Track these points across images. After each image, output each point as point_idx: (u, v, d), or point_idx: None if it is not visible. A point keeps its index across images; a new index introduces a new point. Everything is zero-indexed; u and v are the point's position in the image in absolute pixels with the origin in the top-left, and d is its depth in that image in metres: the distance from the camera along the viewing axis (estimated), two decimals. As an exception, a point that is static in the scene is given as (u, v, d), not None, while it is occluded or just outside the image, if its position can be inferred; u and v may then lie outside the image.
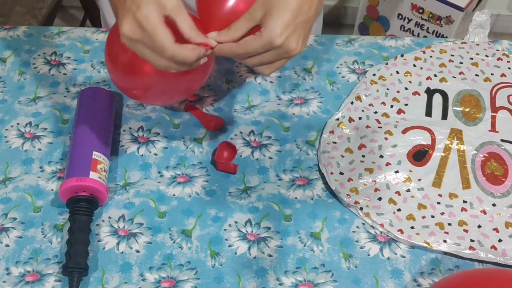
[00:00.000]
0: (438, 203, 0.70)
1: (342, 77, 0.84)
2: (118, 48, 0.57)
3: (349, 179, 0.71)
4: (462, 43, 0.88)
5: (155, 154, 0.74)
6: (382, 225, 0.68)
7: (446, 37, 1.66)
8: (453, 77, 0.83)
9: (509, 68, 0.84)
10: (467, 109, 0.79)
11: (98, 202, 0.67)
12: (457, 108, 0.79)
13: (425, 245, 0.66)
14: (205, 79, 0.61)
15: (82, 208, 0.65)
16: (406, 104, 0.79)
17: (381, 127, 0.76)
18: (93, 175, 0.66)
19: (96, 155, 0.67)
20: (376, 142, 0.74)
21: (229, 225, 0.68)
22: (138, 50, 0.54)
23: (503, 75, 0.84)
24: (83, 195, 0.65)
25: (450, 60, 0.85)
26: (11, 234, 0.66)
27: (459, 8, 1.56)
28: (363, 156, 0.73)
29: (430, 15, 1.64)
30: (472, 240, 0.67)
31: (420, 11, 1.65)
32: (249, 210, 0.69)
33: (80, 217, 0.64)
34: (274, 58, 0.57)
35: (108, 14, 0.95)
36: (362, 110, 0.78)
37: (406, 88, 0.81)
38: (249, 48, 0.56)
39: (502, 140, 0.75)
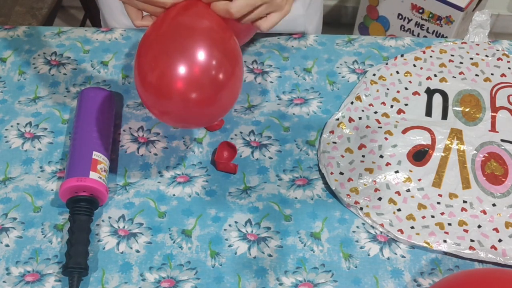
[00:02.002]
0: (438, 203, 0.70)
1: (342, 77, 0.84)
2: (147, 68, 0.56)
3: (349, 179, 0.71)
4: (462, 43, 0.88)
5: (155, 154, 0.74)
6: (382, 225, 0.68)
7: (446, 37, 1.66)
8: (453, 77, 0.83)
9: (509, 68, 0.84)
10: (467, 109, 0.79)
11: (98, 202, 0.67)
12: (457, 108, 0.79)
13: (425, 245, 0.66)
14: (229, 110, 0.62)
15: (82, 208, 0.65)
16: (406, 104, 0.79)
17: (381, 127, 0.76)
18: (93, 175, 0.66)
19: (96, 155, 0.67)
20: (376, 142, 0.74)
21: (229, 225, 0.68)
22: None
23: (503, 75, 0.84)
24: (83, 195, 0.65)
25: (450, 60, 0.85)
26: (11, 234, 0.66)
27: (459, 8, 1.56)
28: (363, 156, 0.73)
29: (430, 15, 1.64)
30: (472, 240, 0.67)
31: (420, 11, 1.65)
32: (249, 210, 0.69)
33: (80, 217, 0.64)
34: (267, 10, 0.61)
35: (108, 14, 0.95)
36: (362, 110, 0.78)
37: (406, 88, 0.81)
38: (252, 0, 0.58)
39: (502, 140, 0.75)
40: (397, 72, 0.83)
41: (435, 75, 0.83)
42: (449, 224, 0.68)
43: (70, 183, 0.64)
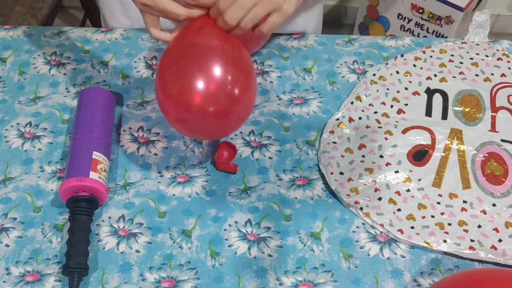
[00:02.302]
0: (438, 203, 0.70)
1: (342, 77, 0.84)
2: (169, 81, 0.61)
3: (349, 179, 0.71)
4: (462, 43, 0.88)
5: (155, 154, 0.74)
6: (382, 225, 0.68)
7: (446, 37, 1.66)
8: (453, 77, 0.83)
9: (509, 68, 0.84)
10: (467, 109, 0.79)
11: (98, 202, 0.67)
12: (457, 108, 0.79)
13: (425, 245, 0.66)
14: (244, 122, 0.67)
15: (82, 208, 0.65)
16: (406, 104, 0.79)
17: (381, 127, 0.76)
18: (93, 175, 0.66)
19: (96, 155, 0.67)
20: (376, 142, 0.74)
21: (229, 225, 0.68)
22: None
23: (503, 75, 0.84)
24: (83, 195, 0.65)
25: (450, 60, 0.85)
26: (11, 234, 0.66)
27: (459, 8, 1.56)
28: (363, 156, 0.73)
29: (430, 15, 1.64)
30: (472, 240, 0.67)
31: (420, 11, 1.65)
32: (249, 210, 0.69)
33: (80, 217, 0.64)
34: (263, 10, 0.61)
35: (108, 14, 0.95)
36: (362, 110, 0.78)
37: (406, 88, 0.81)
38: (241, 3, 0.60)
39: (502, 140, 0.75)
40: (397, 72, 0.83)
41: (435, 75, 0.83)
42: (449, 224, 0.68)
43: (70, 183, 0.64)
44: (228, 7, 0.60)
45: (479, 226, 0.68)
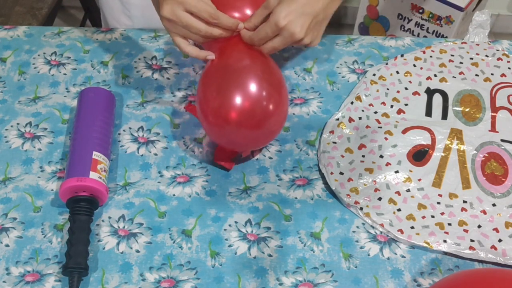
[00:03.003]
0: (438, 203, 0.70)
1: (342, 77, 0.84)
2: (210, 96, 0.66)
3: (349, 179, 0.71)
4: (462, 43, 0.88)
5: (155, 154, 0.74)
6: (382, 225, 0.68)
7: (446, 37, 1.66)
8: (453, 77, 0.83)
9: (509, 68, 0.84)
10: (467, 109, 0.79)
11: (98, 202, 0.67)
12: (457, 108, 0.79)
13: (425, 245, 0.66)
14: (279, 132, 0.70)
15: (82, 208, 0.65)
16: (406, 104, 0.79)
17: (381, 127, 0.76)
18: (93, 175, 0.66)
19: (96, 155, 0.67)
20: (376, 142, 0.74)
21: (229, 225, 0.68)
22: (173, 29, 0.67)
23: (503, 75, 0.84)
24: (83, 195, 0.65)
25: (450, 60, 0.85)
26: (11, 234, 0.66)
27: (459, 8, 1.56)
28: (363, 156, 0.73)
29: (430, 15, 1.64)
30: (472, 240, 0.67)
31: (420, 11, 1.65)
32: (249, 210, 0.69)
33: (80, 217, 0.64)
34: (282, 43, 0.66)
35: (108, 14, 0.95)
36: (362, 110, 0.78)
37: (406, 88, 0.81)
38: (261, 33, 0.66)
39: (502, 140, 0.75)
40: (397, 72, 0.83)
41: (435, 75, 0.83)
42: (449, 224, 0.68)
43: (70, 183, 0.64)
44: (267, 36, 0.66)
45: (479, 226, 0.68)
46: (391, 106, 0.79)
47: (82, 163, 0.66)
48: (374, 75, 0.83)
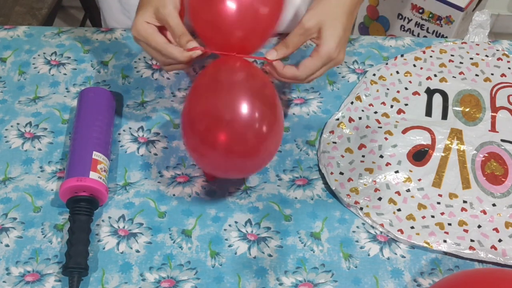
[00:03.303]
0: (438, 203, 0.70)
1: (342, 77, 0.84)
2: (197, 118, 0.59)
3: (349, 179, 0.71)
4: (462, 43, 0.88)
5: (155, 154, 0.74)
6: (382, 225, 0.68)
7: (446, 37, 1.66)
8: (453, 77, 0.83)
9: (509, 68, 0.84)
10: (467, 109, 0.79)
11: (98, 202, 0.67)
12: (457, 108, 0.79)
13: (425, 245, 0.66)
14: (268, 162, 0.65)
15: (82, 208, 0.65)
16: (406, 104, 0.79)
17: (381, 127, 0.76)
18: (93, 175, 0.66)
19: (96, 155, 0.67)
20: (376, 142, 0.74)
21: (229, 225, 0.68)
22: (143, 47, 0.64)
23: (503, 75, 0.84)
24: (83, 195, 0.65)
25: (450, 60, 0.85)
26: (11, 234, 0.66)
27: (459, 8, 1.56)
28: (363, 156, 0.73)
29: (430, 15, 1.64)
30: (472, 240, 0.67)
31: (420, 11, 1.65)
32: (249, 210, 0.69)
33: (80, 217, 0.64)
34: (325, 70, 0.63)
35: (108, 14, 0.95)
36: (362, 110, 0.78)
37: (406, 88, 0.81)
38: (311, 69, 0.61)
39: (502, 140, 0.75)
40: (397, 72, 0.83)
41: (435, 75, 0.83)
42: (449, 224, 0.68)
43: (70, 183, 0.64)
44: (317, 70, 0.62)
45: (479, 226, 0.68)
46: (391, 106, 0.79)
47: (82, 163, 0.66)
48: (374, 75, 0.83)
